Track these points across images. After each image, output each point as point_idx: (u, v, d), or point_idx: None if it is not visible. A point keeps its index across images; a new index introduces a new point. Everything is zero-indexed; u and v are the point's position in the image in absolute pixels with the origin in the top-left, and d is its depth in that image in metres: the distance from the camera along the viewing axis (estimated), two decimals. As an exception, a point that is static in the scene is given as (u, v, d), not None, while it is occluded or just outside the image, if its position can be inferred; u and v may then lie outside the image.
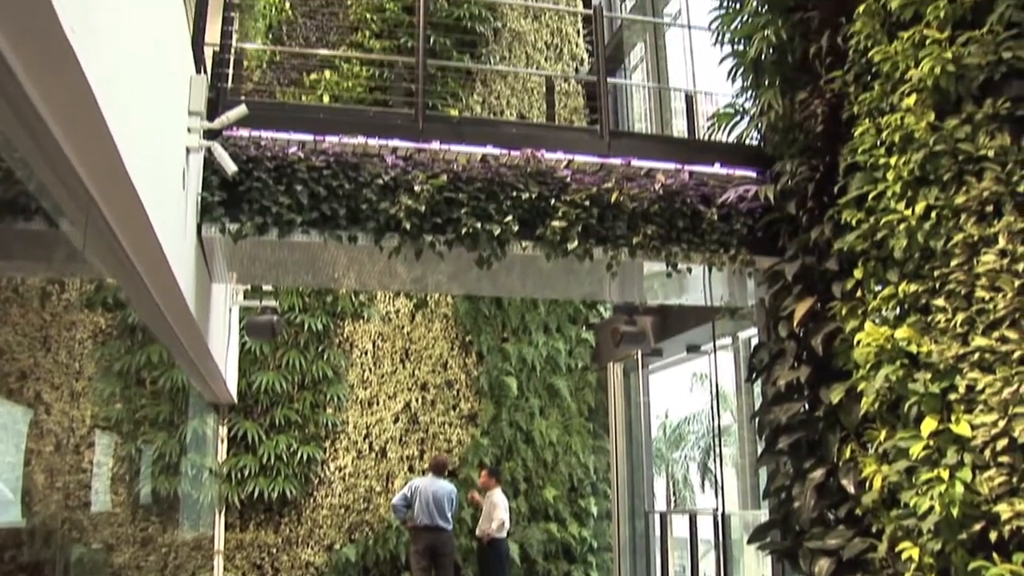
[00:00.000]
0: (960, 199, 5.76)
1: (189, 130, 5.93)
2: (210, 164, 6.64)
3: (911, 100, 6.14)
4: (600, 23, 9.20)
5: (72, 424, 8.18)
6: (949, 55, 5.88)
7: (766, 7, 8.03)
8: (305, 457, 12.84)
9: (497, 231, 7.40)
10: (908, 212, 6.09)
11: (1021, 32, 5.74)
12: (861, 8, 6.74)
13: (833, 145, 7.24)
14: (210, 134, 6.35)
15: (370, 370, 13.67)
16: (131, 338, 11.55)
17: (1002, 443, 5.27)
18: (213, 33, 7.63)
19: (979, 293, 5.57)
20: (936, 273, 5.91)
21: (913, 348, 5.90)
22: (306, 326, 13.16)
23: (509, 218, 7.47)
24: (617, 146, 8.38)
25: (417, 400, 13.78)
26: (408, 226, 7.21)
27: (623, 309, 12.35)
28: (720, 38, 8.71)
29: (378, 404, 13.59)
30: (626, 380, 15.20)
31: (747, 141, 8.72)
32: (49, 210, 3.58)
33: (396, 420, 13.62)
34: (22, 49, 2.67)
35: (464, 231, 7.35)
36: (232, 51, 7.80)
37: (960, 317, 5.66)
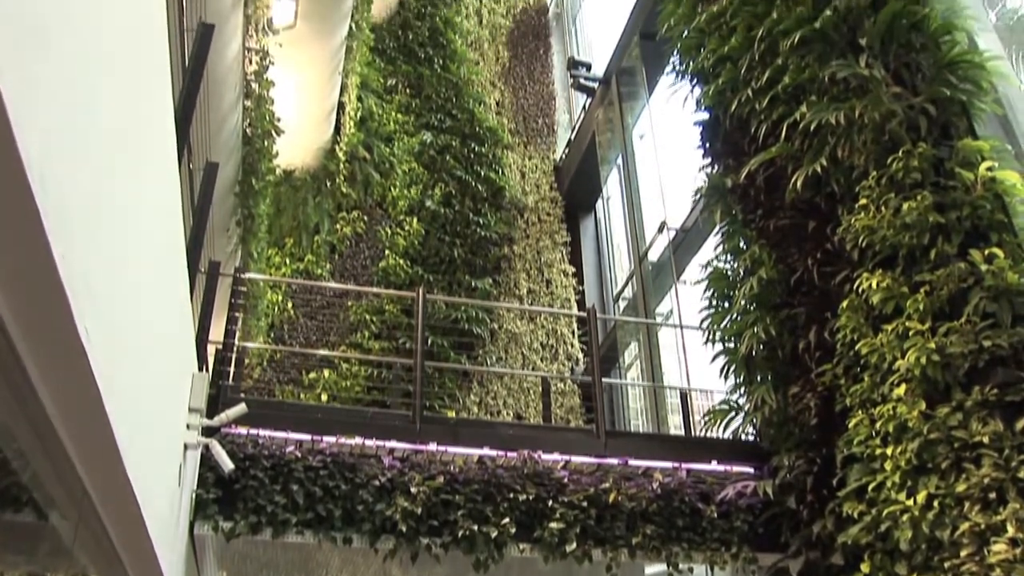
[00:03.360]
0: (961, 487, 5.72)
1: (188, 427, 5.97)
2: (207, 461, 6.62)
3: (901, 390, 6.24)
4: (594, 324, 9.46)
5: None
6: (933, 345, 6.05)
7: (754, 305, 8.32)
8: None
9: (494, 533, 7.27)
10: (910, 502, 6.02)
11: (997, 322, 5.94)
12: (845, 304, 6.99)
13: (829, 437, 7.27)
14: (209, 431, 6.39)
15: None
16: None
17: None
18: (217, 331, 7.85)
19: (995, 584, 5.41)
20: (947, 565, 5.75)
21: (932, 646, 5.66)
22: (295, 633, 12.59)
23: (506, 520, 7.36)
24: (614, 446, 8.39)
25: None
26: (404, 528, 7.09)
27: (626, 613, 11.89)
28: (711, 337, 8.97)
29: None
30: None
31: (743, 436, 8.75)
32: (41, 502, 3.54)
33: None
34: (33, 343, 2.74)
35: (461, 534, 7.22)
36: (234, 349, 7.98)
37: (979, 612, 5.46)
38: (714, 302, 9.09)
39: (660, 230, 15.20)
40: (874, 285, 6.67)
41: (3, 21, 1.82)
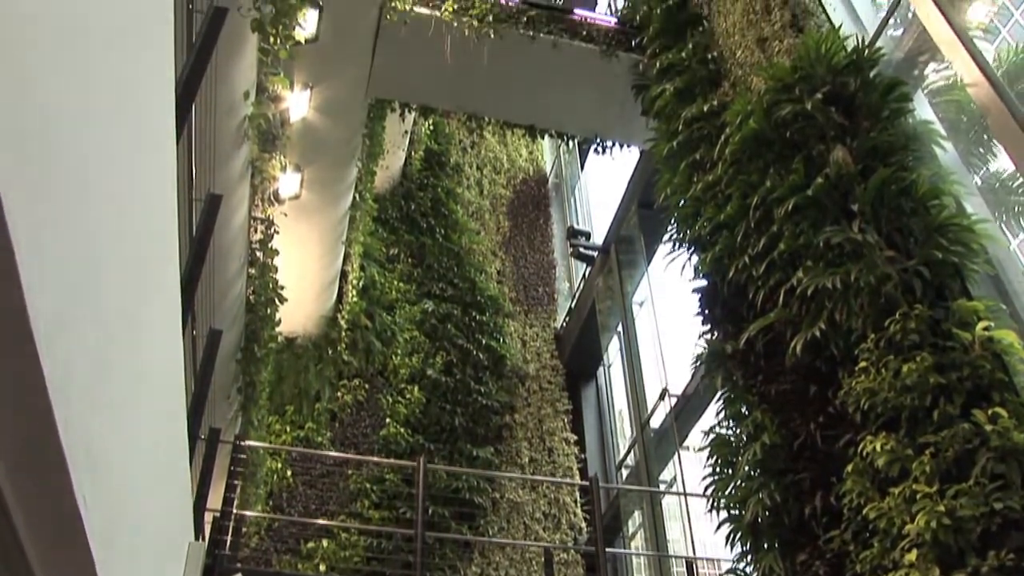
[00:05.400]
0: (989, 651, 5.52)
1: (183, 599, 5.83)
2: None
3: (913, 555, 6.08)
4: (597, 493, 9.37)
5: None
6: (942, 508, 5.93)
7: (758, 471, 8.21)
8: None
9: None
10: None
11: (1006, 483, 5.84)
12: (850, 467, 6.90)
13: (841, 607, 7.06)
14: (203, 606, 6.24)
15: None
16: None
17: None
18: (215, 498, 7.75)
19: None
20: None
21: None
22: None
23: None
24: (619, 616, 8.18)
25: None
26: None
27: None
28: (716, 504, 8.82)
29: None
30: None
31: (753, 608, 8.51)
32: None
33: None
34: (30, 510, 2.71)
35: None
36: (232, 518, 7.85)
37: None
38: (717, 469, 8.97)
39: (662, 397, 15.17)
40: (878, 448, 6.60)
41: (20, 194, 1.88)
